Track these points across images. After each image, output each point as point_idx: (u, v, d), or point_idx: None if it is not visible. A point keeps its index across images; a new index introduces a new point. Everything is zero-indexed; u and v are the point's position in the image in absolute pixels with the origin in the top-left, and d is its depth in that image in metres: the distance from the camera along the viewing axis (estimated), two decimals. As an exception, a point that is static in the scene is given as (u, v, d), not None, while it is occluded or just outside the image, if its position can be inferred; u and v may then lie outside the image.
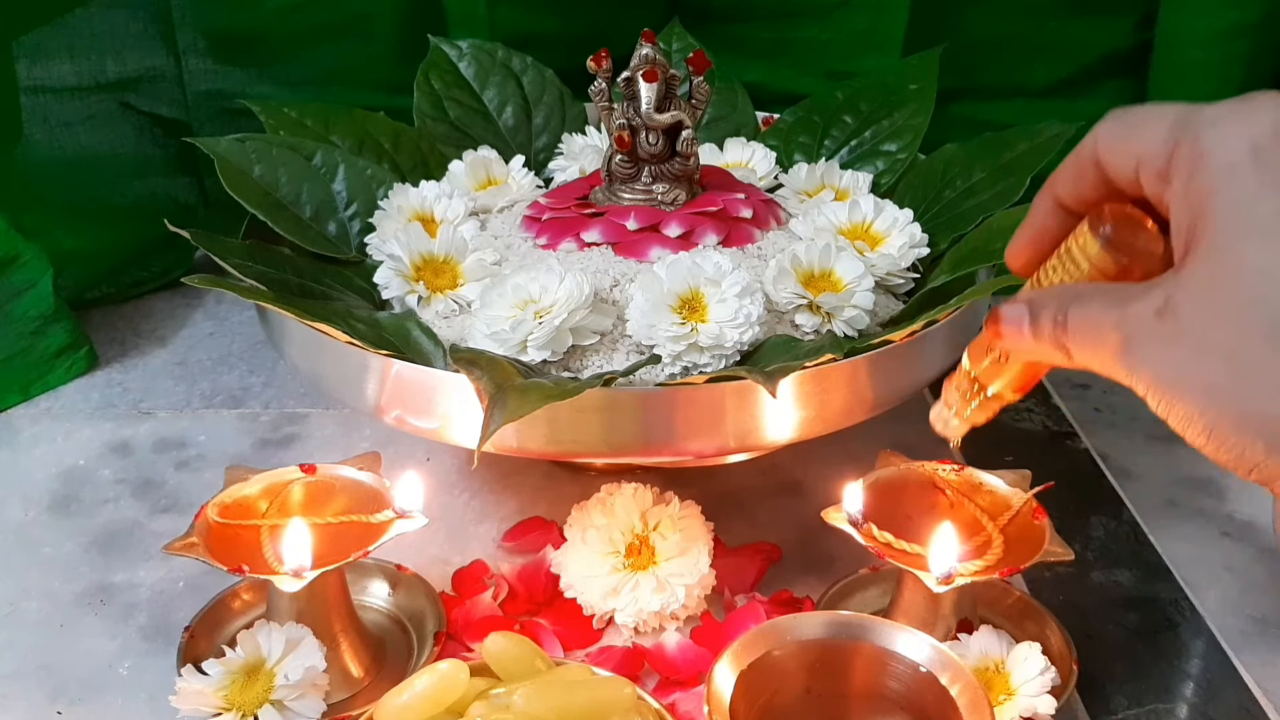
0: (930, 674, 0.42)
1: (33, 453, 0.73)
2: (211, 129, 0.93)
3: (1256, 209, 0.24)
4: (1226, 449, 0.25)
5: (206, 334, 0.88)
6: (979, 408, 0.37)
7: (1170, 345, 0.25)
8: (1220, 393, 0.24)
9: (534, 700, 0.43)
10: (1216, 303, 0.24)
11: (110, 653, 0.56)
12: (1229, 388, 0.24)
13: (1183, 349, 0.25)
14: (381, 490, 0.53)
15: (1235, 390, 0.24)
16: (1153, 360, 0.25)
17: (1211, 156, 0.25)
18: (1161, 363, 0.25)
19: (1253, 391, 0.24)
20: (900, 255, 0.62)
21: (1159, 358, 0.25)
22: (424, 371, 0.54)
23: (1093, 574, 0.61)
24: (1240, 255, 0.24)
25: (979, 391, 0.36)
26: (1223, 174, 0.24)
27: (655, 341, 0.55)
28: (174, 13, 0.90)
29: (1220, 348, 0.24)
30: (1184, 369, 0.25)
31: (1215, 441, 0.25)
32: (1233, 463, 0.25)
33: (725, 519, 0.61)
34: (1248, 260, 0.24)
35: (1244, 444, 0.24)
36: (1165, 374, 0.25)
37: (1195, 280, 0.25)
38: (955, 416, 0.38)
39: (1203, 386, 0.24)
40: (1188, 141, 0.26)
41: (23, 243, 0.79)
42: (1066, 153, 0.68)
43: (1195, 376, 0.25)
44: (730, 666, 0.42)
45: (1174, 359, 0.25)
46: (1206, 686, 0.54)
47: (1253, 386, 0.24)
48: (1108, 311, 0.27)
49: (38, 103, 0.89)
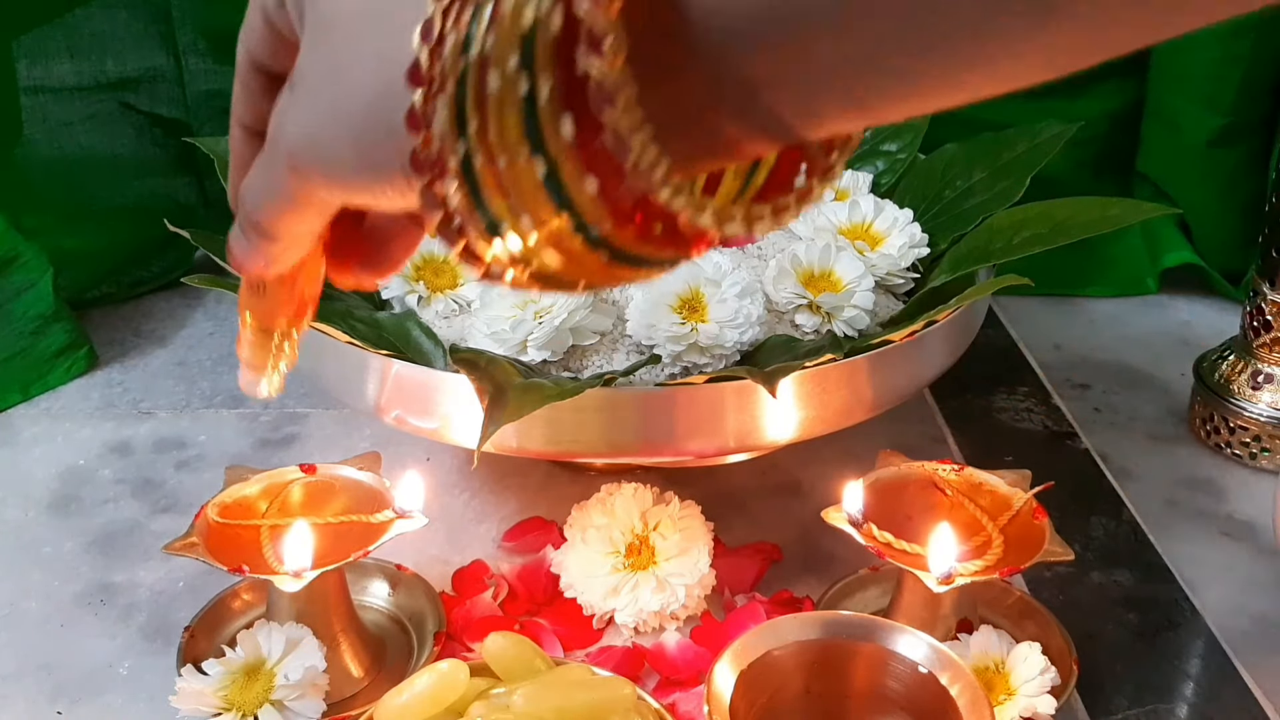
0: (930, 674, 0.42)
1: (33, 453, 0.73)
2: (211, 129, 0.93)
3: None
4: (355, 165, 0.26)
5: (206, 334, 0.88)
6: (276, 352, 0.35)
7: (296, 106, 0.27)
8: (325, 124, 0.26)
9: (534, 700, 0.43)
10: (317, 61, 0.26)
11: (110, 653, 0.56)
12: (329, 116, 0.26)
13: (304, 103, 0.26)
14: (381, 490, 0.53)
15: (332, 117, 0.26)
16: (289, 125, 0.27)
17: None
18: (295, 120, 0.27)
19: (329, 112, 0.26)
20: (900, 255, 0.62)
21: (291, 118, 0.27)
22: (424, 371, 0.54)
23: (1093, 574, 0.61)
24: (318, 7, 0.26)
25: (268, 335, 0.35)
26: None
27: (655, 341, 0.55)
28: (174, 13, 0.90)
29: (324, 93, 0.26)
30: (304, 115, 0.27)
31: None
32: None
33: (725, 519, 0.61)
34: (323, 7, 0.26)
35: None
36: (299, 126, 0.27)
37: (305, 51, 0.27)
38: (262, 373, 0.36)
39: (314, 124, 0.26)
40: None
41: (23, 243, 0.79)
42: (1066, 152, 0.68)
43: (312, 119, 0.26)
44: (730, 666, 0.42)
45: (298, 114, 0.27)
46: (1206, 686, 0.54)
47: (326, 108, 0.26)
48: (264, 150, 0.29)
49: (38, 103, 0.89)
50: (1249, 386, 0.71)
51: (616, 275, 0.23)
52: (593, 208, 0.21)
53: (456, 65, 0.21)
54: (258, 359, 0.35)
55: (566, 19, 0.20)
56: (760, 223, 0.22)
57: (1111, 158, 0.93)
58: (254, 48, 0.30)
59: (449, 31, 0.21)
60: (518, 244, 0.22)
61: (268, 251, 0.30)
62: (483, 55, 0.21)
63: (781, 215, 0.23)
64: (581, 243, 0.22)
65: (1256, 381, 0.71)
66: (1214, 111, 0.86)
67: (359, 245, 0.31)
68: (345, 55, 0.25)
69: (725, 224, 0.22)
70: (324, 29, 0.26)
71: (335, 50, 0.25)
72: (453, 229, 0.23)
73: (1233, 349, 0.73)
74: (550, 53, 0.20)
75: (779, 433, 0.54)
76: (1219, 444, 0.72)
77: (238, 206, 0.31)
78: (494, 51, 0.20)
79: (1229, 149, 0.88)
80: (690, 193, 0.21)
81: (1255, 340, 0.71)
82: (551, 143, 0.20)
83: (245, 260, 0.31)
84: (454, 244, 0.23)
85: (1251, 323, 0.71)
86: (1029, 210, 0.62)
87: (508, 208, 0.22)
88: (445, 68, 0.21)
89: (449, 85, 0.21)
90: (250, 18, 0.30)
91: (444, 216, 0.23)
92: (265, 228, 0.29)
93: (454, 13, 0.21)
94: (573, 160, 0.20)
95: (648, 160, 0.20)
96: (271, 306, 0.34)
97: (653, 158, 0.20)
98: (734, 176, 0.25)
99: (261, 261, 0.31)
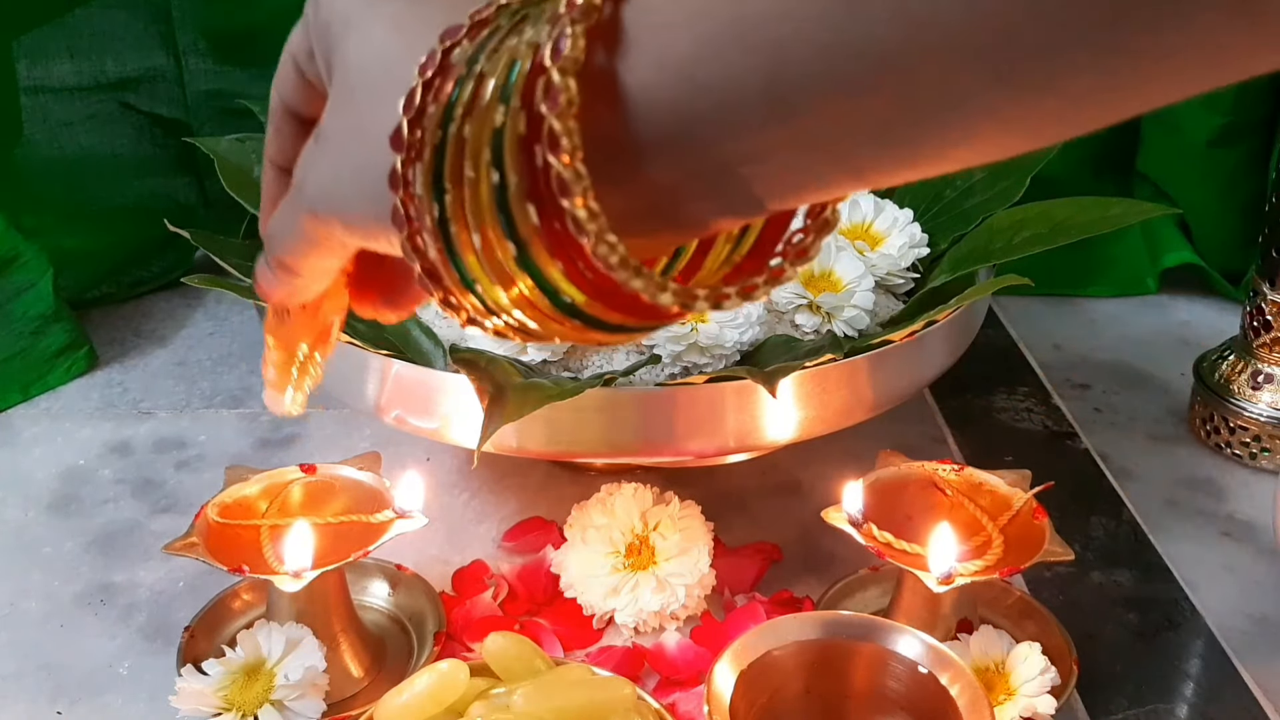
0: (930, 674, 0.42)
1: (33, 453, 0.73)
2: (211, 129, 0.93)
3: (354, 46, 0.28)
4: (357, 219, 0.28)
5: (206, 334, 0.88)
6: (300, 373, 0.37)
7: (320, 158, 0.28)
8: (344, 177, 0.28)
9: (534, 700, 0.43)
10: (340, 118, 0.28)
11: (110, 653, 0.56)
12: (352, 172, 0.27)
13: (327, 157, 0.28)
14: (381, 490, 0.53)
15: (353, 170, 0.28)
16: (311, 174, 0.29)
17: (330, 11, 0.29)
18: (317, 171, 0.28)
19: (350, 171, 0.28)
20: (900, 255, 0.62)
21: (315, 168, 0.29)
22: (424, 371, 0.54)
23: (1093, 574, 0.61)
24: (345, 67, 0.28)
25: (291, 358, 0.36)
26: (338, 24, 0.28)
27: (655, 341, 0.55)
28: (174, 13, 0.90)
29: (345, 149, 0.28)
30: (326, 168, 0.28)
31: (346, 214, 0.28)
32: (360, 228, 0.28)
33: (725, 519, 0.61)
34: (350, 69, 0.28)
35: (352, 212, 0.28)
36: (321, 178, 0.28)
37: (331, 107, 0.28)
38: (286, 392, 0.37)
39: (333, 177, 0.28)
40: (309, 10, 0.30)
41: (23, 243, 0.79)
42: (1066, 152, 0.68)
43: (332, 172, 0.28)
44: (730, 666, 0.42)
45: (321, 166, 0.28)
46: (1206, 686, 0.54)
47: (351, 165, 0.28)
48: (290, 194, 0.31)
49: (38, 103, 0.89)
50: (1249, 386, 0.71)
51: (590, 337, 0.25)
52: (563, 282, 0.23)
53: (435, 136, 0.23)
54: (281, 379, 0.37)
55: (530, 117, 0.22)
56: (727, 301, 0.24)
57: (1111, 158, 0.93)
58: (286, 94, 0.32)
59: (430, 104, 0.23)
60: (494, 298, 0.24)
61: (291, 284, 0.32)
62: (460, 138, 0.23)
63: (751, 294, 0.25)
64: (552, 308, 0.24)
65: (1256, 381, 0.71)
66: (1214, 111, 0.86)
67: (382, 281, 0.33)
68: (368, 117, 0.26)
69: (690, 303, 0.23)
70: (349, 89, 0.28)
71: (359, 111, 0.27)
72: (432, 280, 0.25)
73: (1233, 349, 0.73)
74: (516, 151, 0.22)
75: (779, 433, 0.54)
76: (1219, 444, 0.72)
77: (265, 241, 0.32)
78: (470, 140, 0.23)
79: (1229, 149, 0.88)
80: (649, 276, 0.22)
81: (1255, 340, 0.71)
82: (521, 227, 0.22)
83: (271, 291, 0.33)
84: (434, 293, 0.25)
85: (1251, 323, 0.71)
86: (1029, 210, 0.62)
87: (481, 269, 0.24)
88: (424, 137, 0.23)
89: (426, 154, 0.23)
90: (283, 66, 0.31)
91: (424, 268, 0.25)
92: (289, 264, 0.31)
93: (435, 86, 0.23)
94: (540, 242, 0.22)
95: (604, 248, 0.22)
96: (295, 332, 0.35)
97: (609, 245, 0.22)
98: (724, 240, 0.26)
99: (285, 293, 0.33)
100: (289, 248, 0.31)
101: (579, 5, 0.21)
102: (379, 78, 0.26)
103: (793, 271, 0.25)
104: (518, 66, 0.22)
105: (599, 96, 0.22)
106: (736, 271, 0.26)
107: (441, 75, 0.23)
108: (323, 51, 0.29)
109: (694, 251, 0.26)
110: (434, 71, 0.24)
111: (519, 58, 0.22)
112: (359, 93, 0.27)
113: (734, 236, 0.26)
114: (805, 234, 0.25)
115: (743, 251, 0.26)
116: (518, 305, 0.24)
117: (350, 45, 0.27)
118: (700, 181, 0.23)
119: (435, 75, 0.23)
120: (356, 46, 0.27)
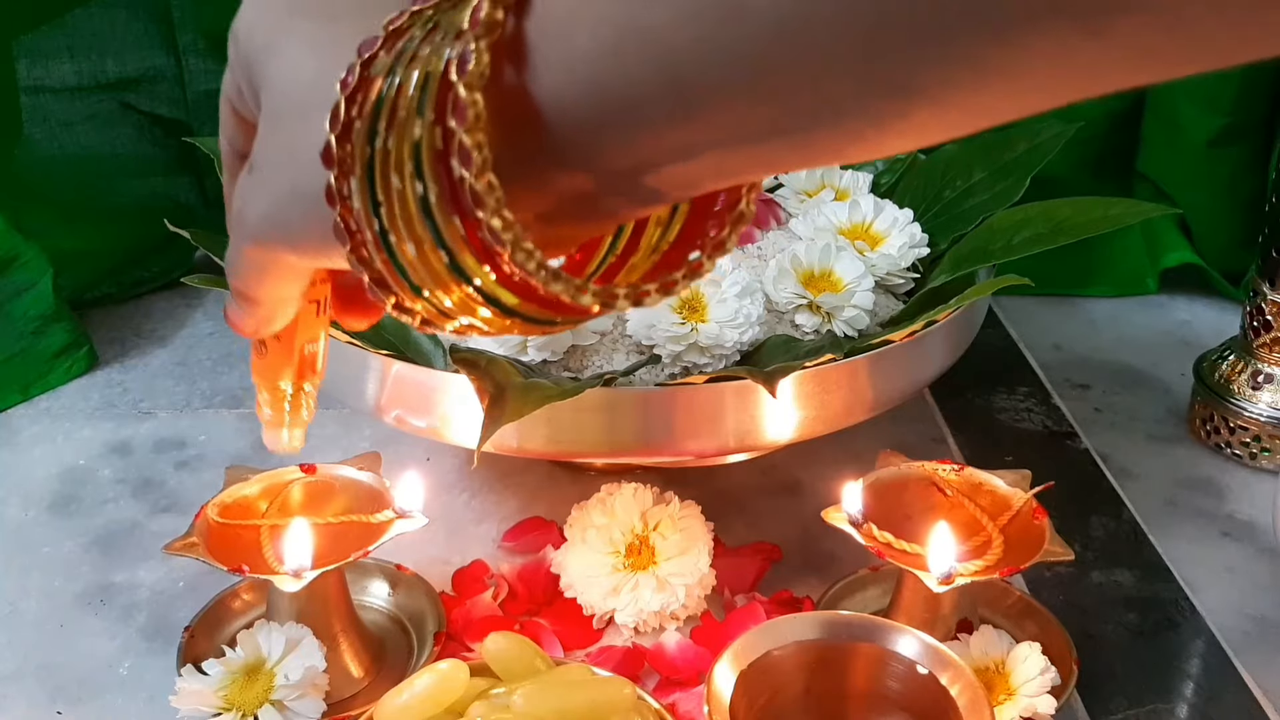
0: (930, 674, 0.42)
1: (33, 453, 0.73)
2: (211, 129, 0.92)
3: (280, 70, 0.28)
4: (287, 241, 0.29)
5: (206, 334, 0.88)
6: (293, 407, 0.37)
7: (257, 186, 0.29)
8: (282, 200, 0.28)
9: (534, 700, 0.43)
10: (270, 143, 0.28)
11: (110, 653, 0.56)
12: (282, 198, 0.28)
13: (263, 184, 0.29)
14: (381, 490, 0.53)
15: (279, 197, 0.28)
16: (250, 204, 0.29)
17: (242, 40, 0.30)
18: (255, 199, 0.29)
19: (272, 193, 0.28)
20: (900, 255, 0.62)
21: (253, 197, 0.29)
22: (424, 371, 0.54)
23: (1093, 574, 0.61)
24: (270, 92, 0.28)
25: (281, 394, 0.37)
26: (258, 54, 0.29)
27: (655, 341, 0.55)
28: (174, 13, 0.90)
29: (279, 172, 0.28)
30: (263, 195, 0.29)
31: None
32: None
33: (725, 519, 0.61)
34: (274, 94, 0.28)
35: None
36: (259, 204, 0.29)
37: (260, 134, 0.29)
38: (282, 428, 0.38)
39: (271, 201, 0.28)
40: (230, 49, 0.30)
41: (23, 243, 0.79)
42: (1066, 152, 0.68)
43: (270, 197, 0.28)
44: (730, 666, 0.42)
45: (258, 193, 0.29)
46: (1206, 686, 0.54)
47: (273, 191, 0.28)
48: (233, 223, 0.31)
49: (38, 103, 0.89)
50: (1249, 386, 0.71)
51: (535, 330, 0.25)
52: (494, 286, 0.24)
53: (364, 151, 0.24)
54: (276, 416, 0.37)
55: (444, 130, 0.22)
56: (648, 298, 0.25)
57: (1111, 158, 0.93)
58: (231, 137, 0.32)
59: (355, 119, 0.24)
60: (440, 302, 0.25)
61: (255, 314, 0.33)
62: (385, 151, 0.23)
63: (670, 289, 0.26)
64: (493, 310, 0.25)
65: (1256, 381, 0.71)
66: (1214, 111, 0.86)
67: (363, 295, 0.33)
68: (297, 138, 0.27)
69: (610, 302, 0.24)
70: (275, 114, 0.28)
71: (288, 133, 0.27)
72: (381, 289, 0.25)
73: (1233, 349, 0.73)
74: (433, 164, 0.23)
75: (779, 433, 0.54)
76: (1219, 444, 0.72)
77: (226, 275, 0.33)
78: (393, 153, 0.23)
79: (1229, 149, 0.88)
80: (568, 279, 0.23)
81: (1255, 340, 0.71)
82: (447, 236, 0.23)
83: (238, 323, 0.34)
84: (385, 301, 0.25)
85: (1251, 323, 0.71)
86: (1029, 210, 0.62)
87: (422, 276, 0.24)
88: (353, 151, 0.24)
89: (357, 169, 0.24)
90: (221, 111, 0.32)
91: (373, 278, 0.25)
92: (248, 295, 0.32)
93: (358, 100, 0.24)
94: (466, 250, 0.23)
95: (521, 255, 0.23)
96: (274, 365, 0.36)
97: (526, 252, 0.23)
98: (654, 224, 0.27)
99: (252, 324, 0.33)
100: (242, 278, 0.31)
101: (482, 21, 0.22)
102: (303, 98, 0.27)
103: (710, 264, 0.26)
104: (430, 80, 0.23)
105: (508, 106, 0.22)
106: (656, 268, 0.27)
107: (363, 89, 0.24)
108: (249, 84, 0.29)
109: (629, 236, 0.27)
110: (355, 85, 0.24)
111: (431, 70, 0.23)
112: (284, 115, 0.27)
113: (664, 220, 0.27)
114: (720, 228, 0.26)
115: (670, 239, 0.27)
116: (461, 308, 0.25)
117: (271, 71, 0.28)
118: (611, 179, 0.23)
119: (357, 89, 0.24)
120: (277, 71, 0.28)
